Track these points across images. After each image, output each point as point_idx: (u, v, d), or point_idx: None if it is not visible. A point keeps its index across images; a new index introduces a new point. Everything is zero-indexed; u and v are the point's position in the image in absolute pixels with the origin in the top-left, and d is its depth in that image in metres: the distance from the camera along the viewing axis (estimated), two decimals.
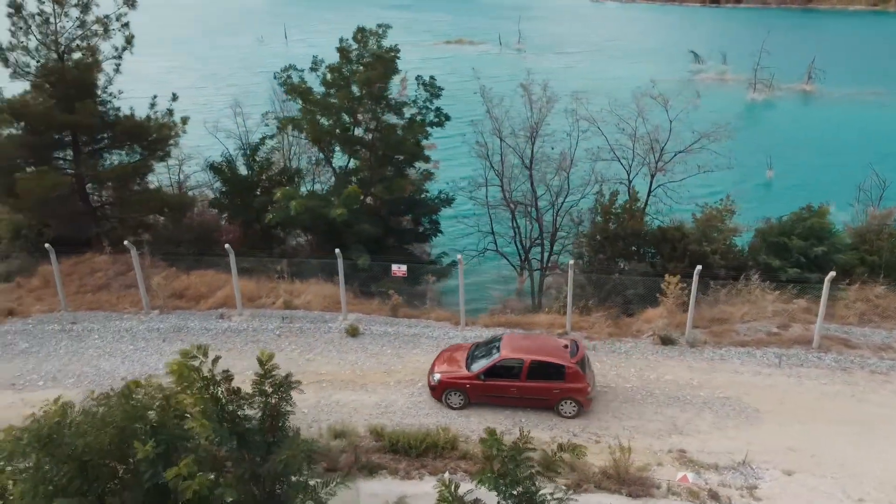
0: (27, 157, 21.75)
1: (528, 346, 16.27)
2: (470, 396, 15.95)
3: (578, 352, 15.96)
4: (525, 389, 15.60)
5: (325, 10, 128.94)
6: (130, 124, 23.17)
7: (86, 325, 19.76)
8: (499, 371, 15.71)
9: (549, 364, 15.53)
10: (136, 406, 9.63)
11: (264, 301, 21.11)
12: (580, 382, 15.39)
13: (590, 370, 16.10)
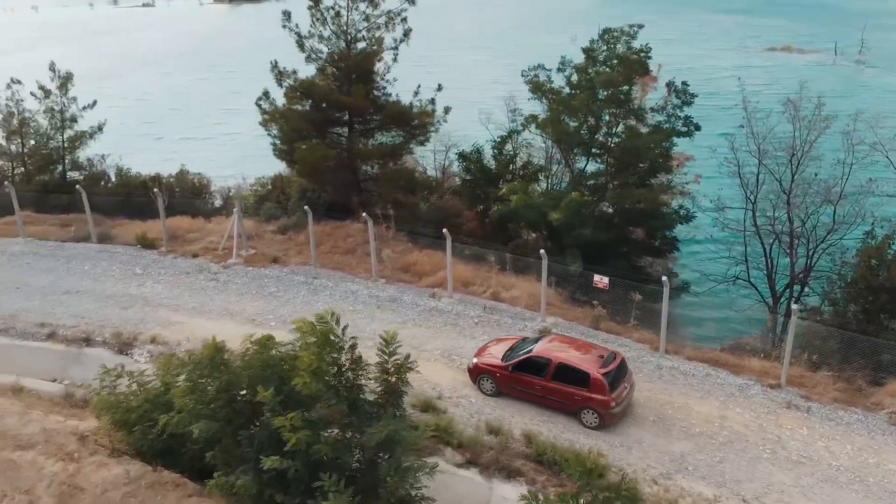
0: (310, 130, 25.32)
1: (563, 348, 16.18)
2: (499, 385, 16.24)
3: (612, 364, 15.49)
4: (548, 389, 15.59)
5: (649, 12, 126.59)
6: (396, 109, 25.60)
7: (323, 282, 22.48)
8: (527, 366, 15.84)
9: (574, 369, 15.36)
10: (272, 357, 10.92)
11: (476, 288, 21.91)
12: (602, 394, 14.99)
13: (623, 387, 15.43)
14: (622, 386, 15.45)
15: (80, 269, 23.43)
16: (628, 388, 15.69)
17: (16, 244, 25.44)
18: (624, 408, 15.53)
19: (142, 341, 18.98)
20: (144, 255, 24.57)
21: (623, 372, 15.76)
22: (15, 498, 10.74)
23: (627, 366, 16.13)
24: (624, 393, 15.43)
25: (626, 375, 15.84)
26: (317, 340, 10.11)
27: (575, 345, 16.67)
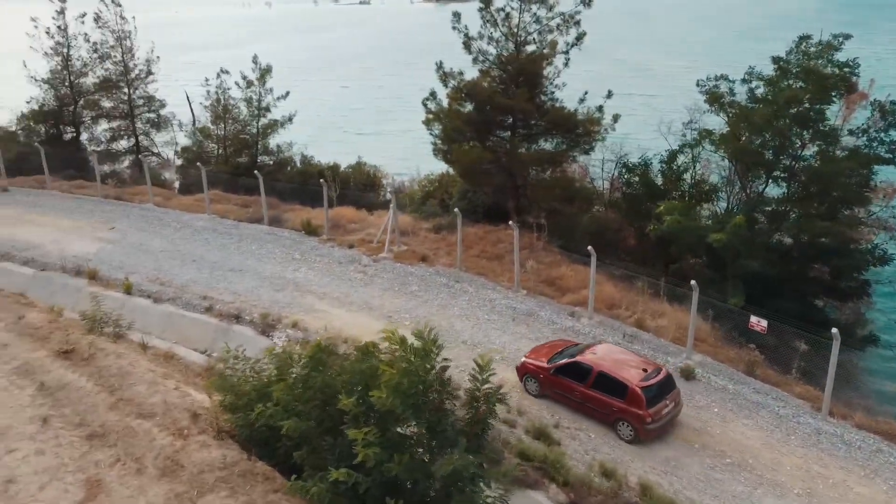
0: (470, 132, 25.16)
1: (608, 357, 15.89)
2: (542, 387, 16.25)
3: (654, 378, 15.06)
4: (587, 396, 15.46)
5: (887, 19, 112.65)
6: (559, 115, 24.65)
7: (464, 286, 22.22)
8: (569, 371, 15.77)
9: (613, 379, 15.11)
10: (371, 366, 10.69)
11: (620, 312, 20.49)
12: (639, 408, 14.66)
13: (664, 404, 14.91)
14: (663, 403, 14.97)
15: (248, 248, 25.20)
16: (671, 406, 15.16)
17: (201, 220, 27.97)
18: (663, 425, 15.04)
19: (284, 325, 19.91)
20: (306, 241, 25.87)
21: (667, 389, 15.27)
22: (126, 464, 11.51)
23: (674, 384, 15.60)
24: (664, 410, 14.94)
25: (671, 393, 15.30)
26: (403, 356, 9.74)
27: (622, 355, 16.32)
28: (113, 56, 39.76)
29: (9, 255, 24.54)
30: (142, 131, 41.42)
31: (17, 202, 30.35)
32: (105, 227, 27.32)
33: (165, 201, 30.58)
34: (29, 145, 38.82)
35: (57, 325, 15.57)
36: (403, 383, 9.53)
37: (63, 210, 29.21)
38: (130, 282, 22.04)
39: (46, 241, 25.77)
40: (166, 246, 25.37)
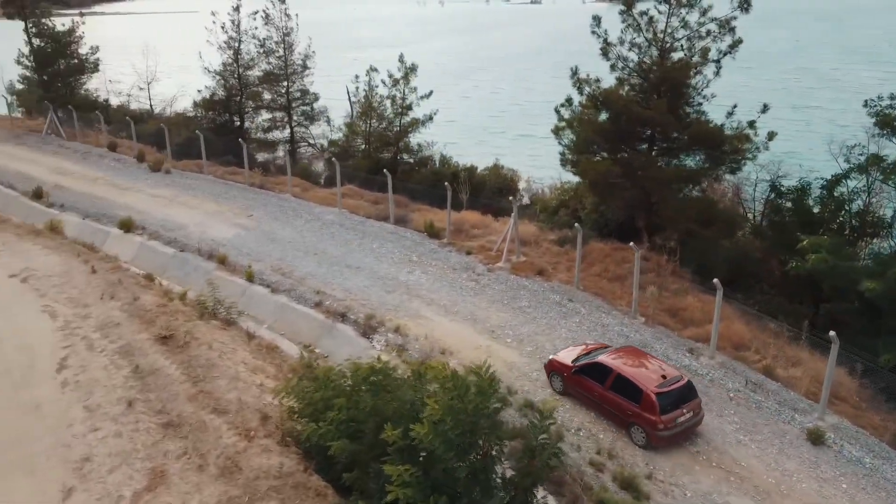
0: (602, 143, 23.66)
1: (630, 360, 15.86)
2: (566, 385, 16.44)
3: (672, 385, 14.95)
4: (604, 398, 15.53)
5: None
6: (704, 129, 22.50)
7: (576, 306, 20.93)
8: (590, 371, 15.88)
9: (630, 383, 15.12)
10: (419, 393, 10.04)
11: (748, 355, 18.29)
12: (652, 414, 14.61)
13: (680, 412, 14.72)
14: (679, 411, 14.78)
15: (369, 246, 25.43)
16: (688, 415, 14.91)
17: (331, 213, 28.71)
18: (677, 434, 14.80)
19: (386, 328, 19.75)
20: (426, 243, 25.68)
21: (686, 397, 15.04)
22: (191, 458, 11.70)
23: (695, 393, 15.31)
24: (680, 419, 14.75)
25: (690, 403, 15.05)
26: (452, 390, 9.00)
27: (644, 360, 16.14)
28: (276, 51, 42.02)
29: (157, 234, 26.53)
30: (297, 123, 43.52)
31: (175, 184, 32.86)
32: (244, 213, 28.80)
33: (303, 192, 31.76)
34: (199, 129, 42.23)
35: (165, 308, 16.34)
36: (447, 421, 8.79)
37: (212, 194, 31.22)
38: (252, 270, 22.96)
39: (191, 223, 27.60)
40: (294, 237, 26.24)
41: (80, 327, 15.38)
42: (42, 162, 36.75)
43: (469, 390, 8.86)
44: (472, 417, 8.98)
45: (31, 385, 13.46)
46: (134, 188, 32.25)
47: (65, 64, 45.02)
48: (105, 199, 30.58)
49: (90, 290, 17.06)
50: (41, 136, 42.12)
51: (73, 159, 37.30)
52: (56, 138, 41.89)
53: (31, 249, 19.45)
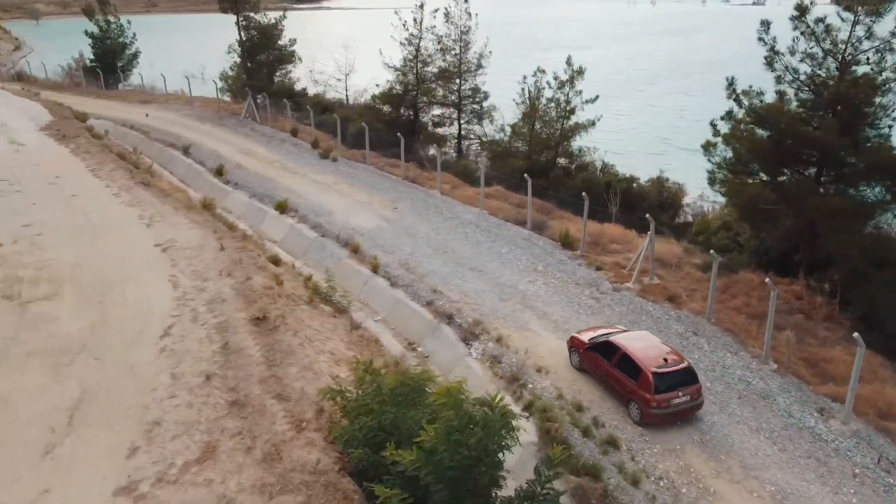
0: (757, 163, 21.17)
1: (638, 343, 16.47)
2: (581, 360, 17.44)
3: (672, 367, 15.57)
4: (610, 374, 16.35)
5: None
6: (886, 156, 19.28)
7: (699, 341, 18.98)
8: (601, 349, 16.74)
9: (632, 361, 15.83)
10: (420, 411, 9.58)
11: (893, 426, 15.44)
12: (646, 392, 15.31)
13: (676, 394, 15.30)
14: (675, 393, 15.34)
15: (498, 250, 25.04)
16: (684, 398, 15.45)
17: (470, 213, 28.68)
18: (670, 414, 15.39)
19: (489, 336, 19.30)
20: (557, 253, 24.78)
21: (684, 381, 15.56)
22: (243, 439, 12.23)
23: (696, 379, 15.79)
24: (674, 400, 15.33)
25: (688, 387, 15.56)
26: (452, 420, 8.47)
27: (653, 344, 16.62)
28: (452, 49, 42.81)
29: (306, 218, 28.19)
30: (465, 120, 44.12)
31: (338, 172, 34.71)
32: (391, 205, 29.68)
33: (451, 190, 32.06)
34: (376, 122, 44.33)
35: (271, 291, 17.21)
36: (438, 450, 8.30)
37: (367, 184, 32.55)
38: (378, 261, 23.58)
39: (340, 210, 28.98)
40: (429, 233, 26.56)
41: (193, 300, 16.72)
42: (233, 142, 40.63)
43: (470, 422, 8.28)
44: (474, 452, 8.40)
45: (135, 347, 14.86)
46: (300, 172, 34.55)
47: (267, 54, 49.32)
48: (273, 181, 33.08)
49: (214, 265, 18.51)
50: (239, 119, 46.60)
51: (259, 142, 40.82)
52: (251, 122, 46.13)
53: (181, 222, 21.53)
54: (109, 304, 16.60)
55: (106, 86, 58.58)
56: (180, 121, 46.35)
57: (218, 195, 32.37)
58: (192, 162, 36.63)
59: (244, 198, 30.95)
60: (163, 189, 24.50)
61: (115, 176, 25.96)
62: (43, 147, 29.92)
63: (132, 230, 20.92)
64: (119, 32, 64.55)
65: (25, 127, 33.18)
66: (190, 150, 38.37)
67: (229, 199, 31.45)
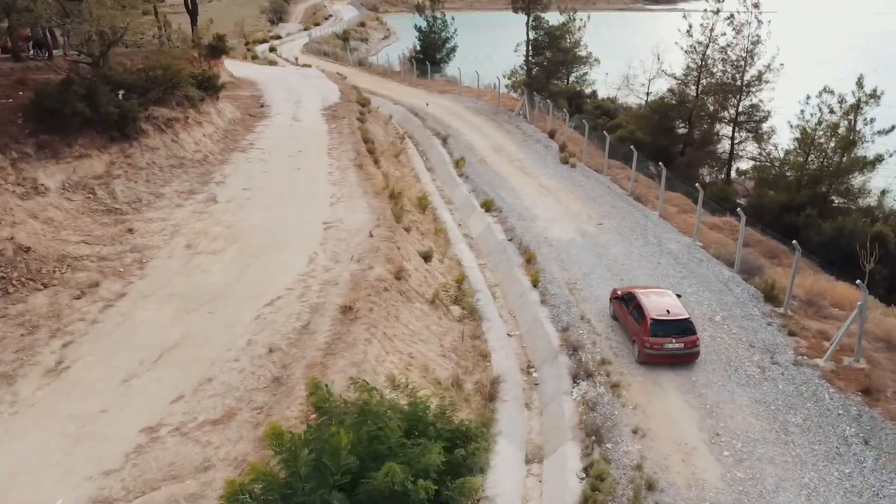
0: None
1: (654, 296, 18.83)
2: (613, 309, 20.26)
3: (671, 317, 17.80)
4: (627, 319, 19.10)
5: None
6: None
7: (864, 453, 14.65)
8: (624, 299, 19.50)
9: (641, 308, 18.30)
10: None
11: None
12: (644, 335, 17.77)
13: (670, 340, 17.54)
14: (670, 339, 17.56)
15: (682, 288, 22.08)
16: (679, 345, 17.60)
17: (678, 243, 25.86)
18: (662, 356, 17.68)
19: (603, 382, 17.37)
20: (750, 305, 21.17)
21: (680, 331, 17.68)
22: (259, 414, 13.03)
23: (693, 330, 17.89)
24: (668, 345, 17.55)
25: (684, 336, 17.64)
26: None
27: (666, 299, 18.74)
28: (735, 61, 38.56)
29: (504, 220, 28.19)
30: (739, 140, 39.56)
31: (568, 178, 33.88)
32: (597, 220, 28.14)
33: (675, 214, 29.17)
34: (645, 131, 42.25)
35: (380, 283, 17.76)
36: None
37: (587, 195, 31.28)
38: (540, 275, 22.68)
39: (543, 218, 28.40)
40: (619, 257, 24.64)
41: (314, 278, 18.08)
42: (492, 137, 42.12)
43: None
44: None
45: (244, 309, 16.67)
46: (533, 174, 34.51)
47: (551, 55, 49.79)
48: (503, 179, 33.61)
49: (353, 250, 19.69)
50: (510, 116, 47.98)
51: (514, 139, 41.67)
52: (521, 119, 47.19)
53: (359, 206, 23.21)
54: (254, 267, 18.80)
55: (424, 75, 64.73)
56: (459, 112, 49.37)
57: (448, 186, 34.07)
58: (444, 152, 38.91)
59: (465, 192, 32.03)
60: (369, 174, 26.58)
61: (343, 157, 28.89)
62: (313, 124, 34.48)
63: (318, 206, 23.22)
64: (443, 27, 70.66)
65: (314, 105, 38.53)
66: (448, 141, 40.79)
67: (455, 191, 32.84)
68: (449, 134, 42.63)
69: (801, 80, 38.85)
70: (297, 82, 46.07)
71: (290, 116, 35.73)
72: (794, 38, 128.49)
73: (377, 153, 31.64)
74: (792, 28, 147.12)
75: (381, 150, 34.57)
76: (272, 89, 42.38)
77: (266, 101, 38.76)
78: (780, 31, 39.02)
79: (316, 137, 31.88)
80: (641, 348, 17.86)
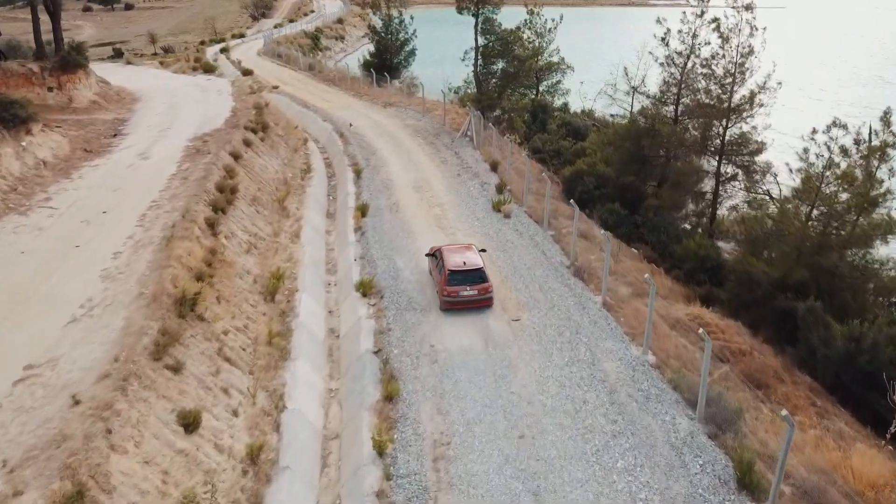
0: None
1: (456, 252, 20.87)
2: (429, 264, 22.11)
3: (466, 268, 19.82)
4: (434, 272, 21.06)
5: None
6: None
7: None
8: (434, 255, 21.54)
9: (443, 263, 20.33)
10: None
11: None
12: (445, 284, 19.72)
13: (464, 288, 19.60)
14: (464, 287, 19.42)
15: (594, 448, 14.08)
16: (472, 292, 19.49)
17: (618, 359, 17.71)
18: (458, 302, 19.54)
19: None
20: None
21: (474, 280, 19.54)
22: None
23: (485, 278, 19.80)
24: (463, 293, 19.46)
25: (477, 284, 19.54)
26: None
27: (467, 254, 20.58)
28: (723, 77, 30.28)
29: (380, 311, 20.10)
30: (725, 176, 31.31)
31: (495, 236, 25.71)
32: (513, 312, 20.03)
33: (620, 300, 20.99)
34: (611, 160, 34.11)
35: None
36: None
37: (510, 267, 23.13)
38: (390, 432, 14.55)
39: (432, 301, 20.27)
40: (527, 387, 16.55)
41: None
42: (421, 168, 34.08)
43: None
44: None
45: None
46: (452, 228, 26.42)
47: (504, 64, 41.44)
48: (409, 235, 25.69)
49: (24, 437, 11.49)
50: (454, 138, 39.77)
51: (448, 173, 33.50)
52: (467, 143, 39.01)
53: (112, 324, 15.05)
54: None
55: (378, 83, 56.18)
56: (395, 132, 41.25)
57: (339, 245, 26.02)
58: (353, 192, 30.85)
59: (351, 258, 23.97)
60: (178, 254, 18.41)
61: (160, 221, 20.69)
62: (160, 164, 26.28)
63: (44, 326, 15.05)
64: (400, 27, 62.33)
65: (184, 133, 30.40)
66: (362, 175, 32.72)
67: (343, 255, 24.76)
68: (370, 163, 34.59)
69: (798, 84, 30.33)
70: (189, 98, 37.88)
71: (139, 151, 27.66)
72: (800, 36, 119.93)
73: (234, 205, 23.55)
74: (799, 25, 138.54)
75: (255, 197, 26.45)
76: (148, 109, 34.37)
77: (127, 128, 30.75)
78: (785, 27, 30.73)
79: (148, 186, 23.75)
80: (441, 297, 19.64)
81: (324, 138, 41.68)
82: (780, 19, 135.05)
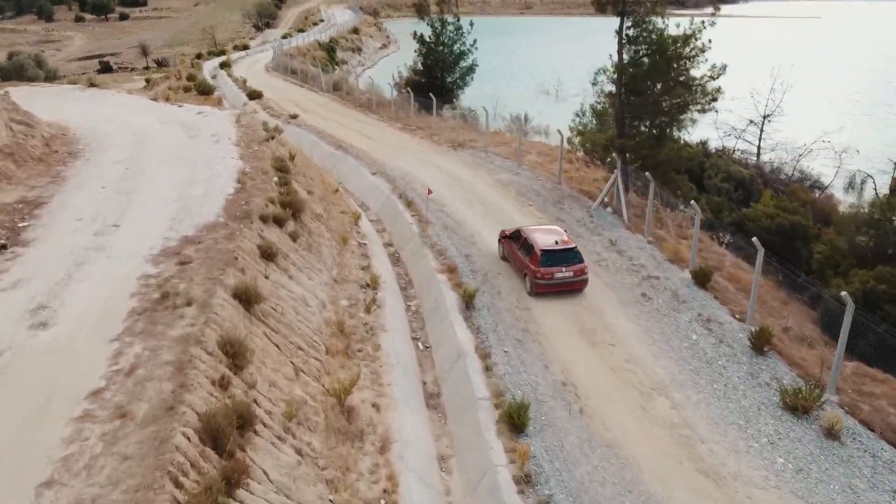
0: None
1: (540, 232, 19.03)
2: (502, 248, 20.53)
3: (559, 247, 18.01)
4: (515, 254, 19.28)
5: None
6: None
7: None
8: (513, 236, 19.81)
9: (529, 244, 18.56)
10: None
11: None
12: (536, 265, 17.86)
13: (559, 269, 17.65)
14: (559, 268, 17.62)
15: None
16: (567, 273, 17.67)
17: None
18: (553, 285, 17.64)
19: None
20: None
21: (568, 260, 17.78)
22: None
23: (580, 258, 18.03)
24: (557, 274, 17.59)
25: (572, 265, 17.76)
26: None
27: (554, 235, 18.82)
28: None
29: None
30: None
31: None
32: None
33: None
34: None
35: None
36: None
37: None
38: None
39: None
40: None
41: None
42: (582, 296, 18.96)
43: None
44: None
45: None
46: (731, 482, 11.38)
47: (661, 87, 26.22)
48: None
49: None
50: (590, 210, 24.78)
51: (618, 284, 18.48)
52: (611, 216, 24.07)
53: None
54: None
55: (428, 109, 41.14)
56: (487, 196, 26.34)
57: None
58: (471, 357, 15.79)
59: None
60: None
61: None
62: (67, 360, 11.13)
63: None
64: (456, 36, 47.43)
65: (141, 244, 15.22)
66: (475, 304, 17.70)
67: None
68: (476, 266, 19.85)
69: None
70: (165, 150, 22.40)
71: (32, 305, 12.41)
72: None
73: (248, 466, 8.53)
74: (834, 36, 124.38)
75: (288, 413, 11.36)
76: (90, 177, 19.44)
77: (31, 228, 15.86)
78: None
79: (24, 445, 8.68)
80: (533, 279, 17.85)
81: (377, 206, 26.88)
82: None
